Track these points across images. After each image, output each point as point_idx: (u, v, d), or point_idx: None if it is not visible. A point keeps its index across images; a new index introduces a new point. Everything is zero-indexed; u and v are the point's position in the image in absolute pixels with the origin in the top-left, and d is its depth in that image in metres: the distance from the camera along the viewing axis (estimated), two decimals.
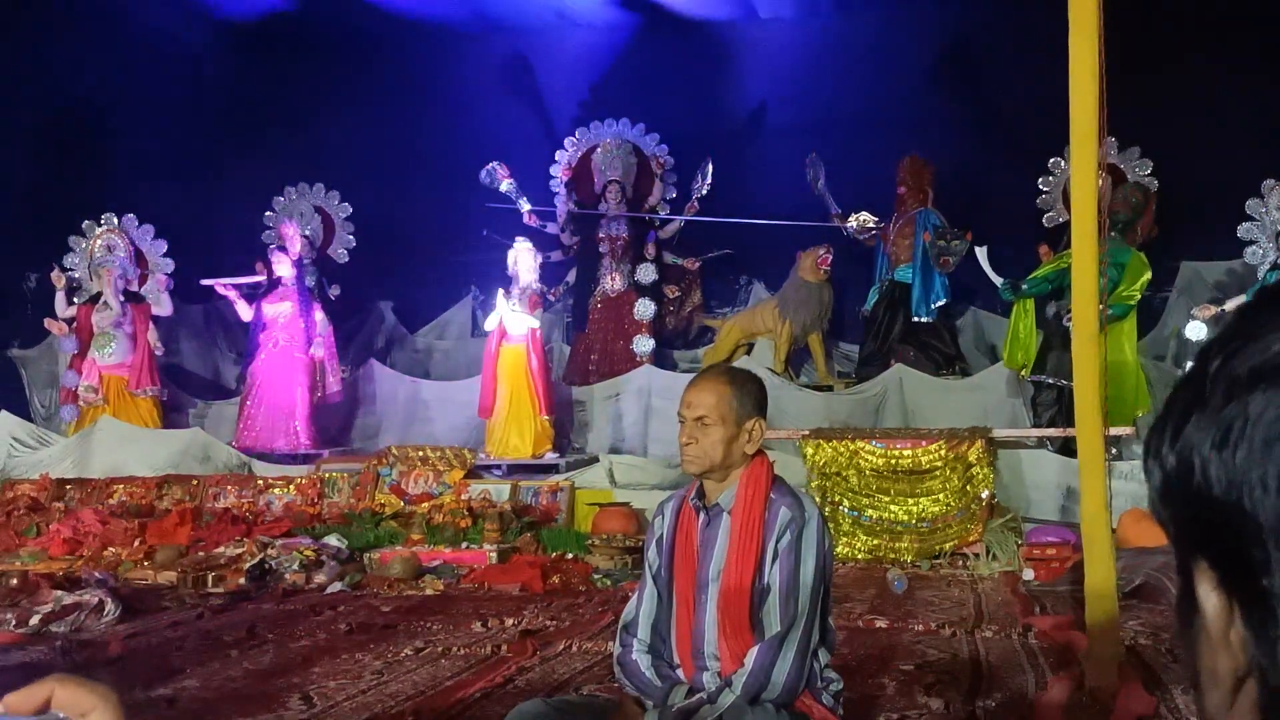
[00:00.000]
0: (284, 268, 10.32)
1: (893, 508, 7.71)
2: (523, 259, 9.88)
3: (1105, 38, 3.93)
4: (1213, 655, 0.52)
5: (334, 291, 11.25)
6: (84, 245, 10.88)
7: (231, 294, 10.59)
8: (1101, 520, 3.99)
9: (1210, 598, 0.52)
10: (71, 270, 10.81)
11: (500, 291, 9.77)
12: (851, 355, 10.98)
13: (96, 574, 6.87)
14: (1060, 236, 9.10)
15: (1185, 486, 0.52)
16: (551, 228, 11.41)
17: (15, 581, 6.40)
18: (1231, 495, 0.50)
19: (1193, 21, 10.56)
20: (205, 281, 11.01)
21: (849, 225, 10.37)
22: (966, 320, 10.91)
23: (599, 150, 11.63)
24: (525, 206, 11.21)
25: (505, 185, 11.15)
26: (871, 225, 10.31)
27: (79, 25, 11.37)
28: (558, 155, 11.79)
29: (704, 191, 11.07)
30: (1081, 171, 4.05)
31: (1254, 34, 10.32)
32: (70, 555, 7.64)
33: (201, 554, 7.47)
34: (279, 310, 10.22)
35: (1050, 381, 8.62)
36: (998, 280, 9.13)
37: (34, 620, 5.56)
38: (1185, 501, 0.53)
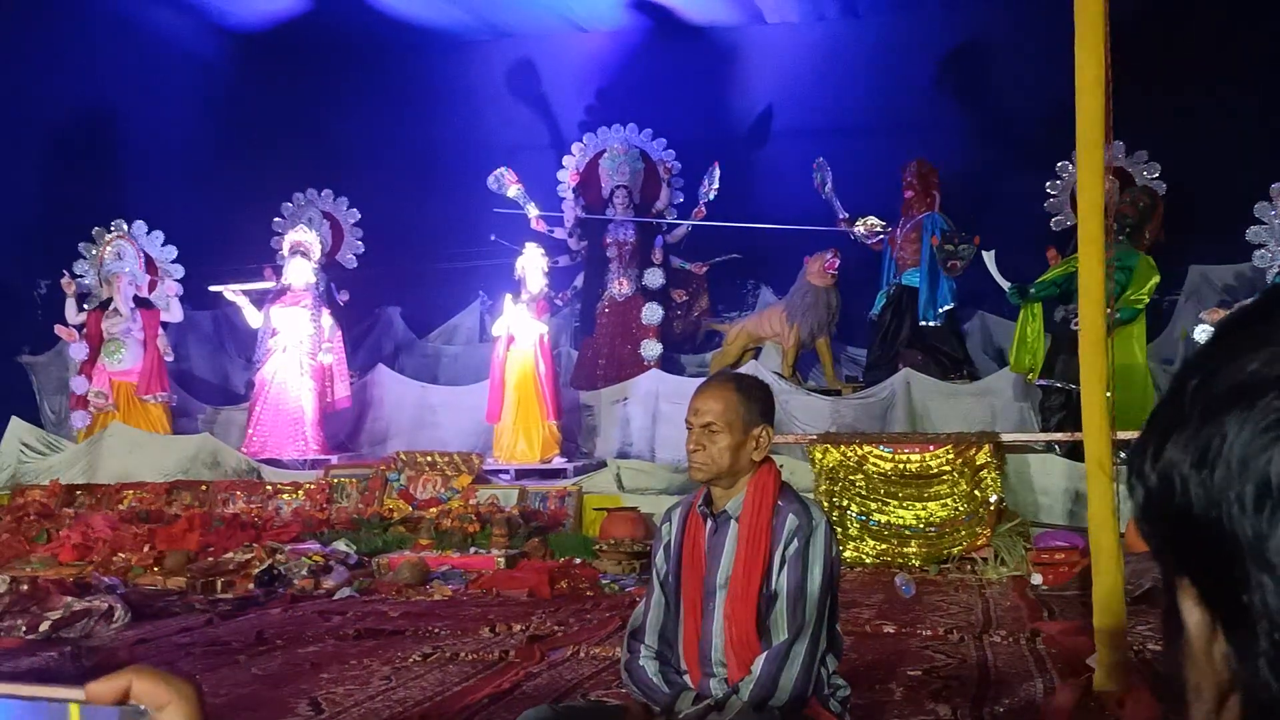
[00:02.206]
0: (301, 275, 10.32)
1: (900, 512, 7.70)
2: (531, 264, 9.90)
3: (1112, 41, 3.93)
4: (1196, 671, 0.53)
5: (343, 297, 11.28)
6: (94, 252, 10.93)
7: (241, 300, 10.62)
8: (1109, 525, 3.99)
9: (1193, 614, 0.53)
10: (82, 277, 10.85)
11: (508, 296, 9.79)
12: (859, 359, 10.97)
13: (106, 579, 6.89)
14: (1068, 240, 9.08)
15: (1167, 505, 0.53)
16: (559, 233, 11.42)
17: (25, 587, 6.42)
18: (1211, 513, 0.51)
19: (1200, 25, 10.55)
20: (214, 288, 11.04)
21: (856, 229, 10.37)
22: (974, 324, 10.90)
23: (606, 155, 11.65)
24: (533, 212, 11.23)
25: (513, 191, 11.17)
26: (879, 229, 10.31)
27: (90, 34, 11.43)
28: (565, 161, 11.81)
29: (711, 196, 11.08)
30: (1088, 175, 4.04)
31: (1261, 37, 10.31)
32: (80, 561, 7.66)
33: (210, 559, 7.49)
34: (288, 316, 10.24)
35: (1058, 385, 8.60)
36: (1005, 284, 9.12)
37: (44, 626, 5.58)
38: (1167, 519, 0.53)
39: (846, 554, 7.34)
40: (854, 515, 7.72)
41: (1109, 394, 4.02)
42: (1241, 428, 0.50)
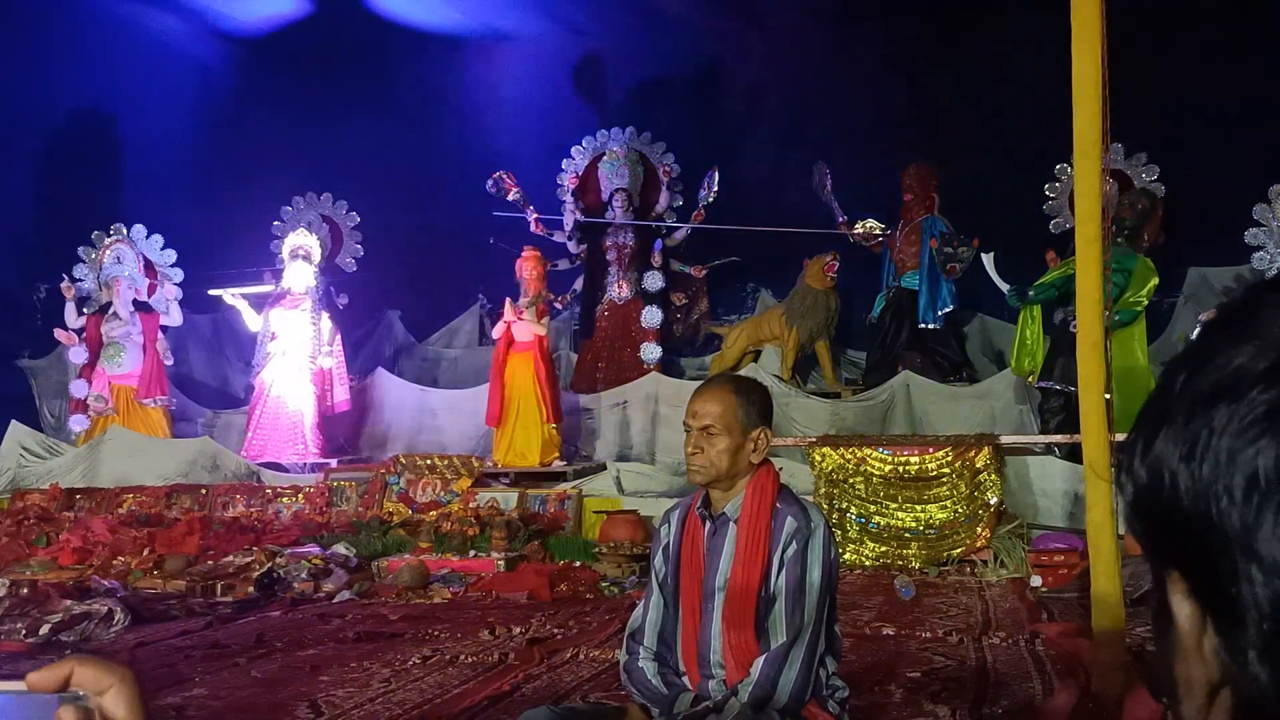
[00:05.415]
0: (301, 278, 10.32)
1: (900, 515, 7.70)
2: (530, 267, 9.90)
3: (1110, 43, 3.93)
4: (1186, 665, 0.53)
5: (342, 300, 11.29)
6: (93, 256, 10.94)
7: (240, 304, 10.63)
8: (1108, 527, 3.98)
9: (1182, 608, 0.53)
10: (81, 281, 10.86)
11: (508, 300, 9.80)
12: (858, 362, 10.98)
13: (106, 583, 6.89)
14: (1067, 242, 9.06)
15: (1156, 500, 0.53)
16: (559, 236, 11.43)
17: (25, 590, 6.42)
18: (1200, 506, 0.51)
19: (1199, 27, 10.55)
20: (214, 291, 11.05)
21: (855, 232, 10.39)
22: (973, 327, 10.91)
23: (605, 159, 11.66)
24: (532, 215, 11.24)
25: (513, 194, 11.18)
26: (878, 232, 10.32)
27: (89, 38, 11.44)
28: (564, 164, 11.82)
29: (710, 199, 11.09)
30: (1086, 178, 4.05)
31: (1260, 40, 10.31)
32: (80, 564, 7.66)
33: (210, 563, 7.49)
34: (287, 320, 10.25)
35: (1058, 388, 8.61)
36: (1004, 286, 9.13)
37: (44, 629, 5.58)
38: (1156, 514, 0.54)
39: (846, 556, 7.34)
40: (853, 518, 7.73)
41: (1107, 396, 4.02)
42: (1229, 421, 0.51)
